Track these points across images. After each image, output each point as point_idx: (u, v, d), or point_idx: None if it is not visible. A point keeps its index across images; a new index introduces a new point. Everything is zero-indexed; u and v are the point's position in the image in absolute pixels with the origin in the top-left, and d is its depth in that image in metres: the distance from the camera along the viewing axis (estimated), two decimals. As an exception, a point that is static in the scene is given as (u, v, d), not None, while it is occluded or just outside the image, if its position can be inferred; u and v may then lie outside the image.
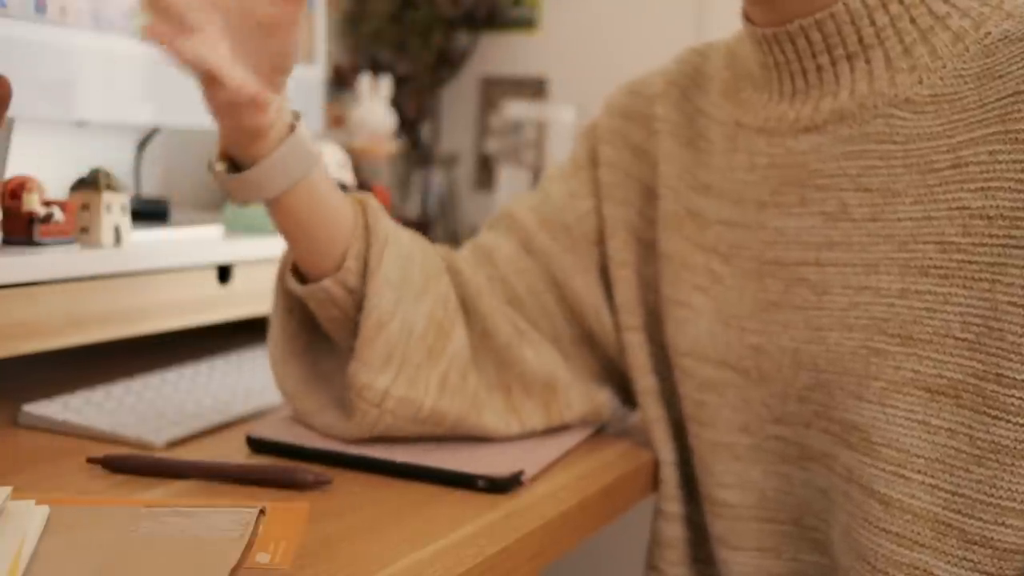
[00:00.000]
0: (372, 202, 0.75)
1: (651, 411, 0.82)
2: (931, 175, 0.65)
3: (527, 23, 1.58)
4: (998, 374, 0.61)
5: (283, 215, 0.71)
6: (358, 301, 0.73)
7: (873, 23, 0.67)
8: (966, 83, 0.64)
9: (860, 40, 0.68)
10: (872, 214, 0.68)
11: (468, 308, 0.79)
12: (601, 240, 0.84)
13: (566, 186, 0.86)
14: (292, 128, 0.69)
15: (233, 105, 0.65)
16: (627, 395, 0.86)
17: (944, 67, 0.65)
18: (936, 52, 0.66)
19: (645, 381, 0.82)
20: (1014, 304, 0.60)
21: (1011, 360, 0.60)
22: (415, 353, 0.73)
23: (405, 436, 0.75)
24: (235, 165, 0.70)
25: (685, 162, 0.81)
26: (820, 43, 0.69)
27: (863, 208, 0.68)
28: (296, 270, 0.76)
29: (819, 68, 0.70)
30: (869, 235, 0.68)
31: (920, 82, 0.66)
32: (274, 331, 0.77)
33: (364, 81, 1.39)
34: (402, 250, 0.75)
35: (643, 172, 0.84)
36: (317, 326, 0.79)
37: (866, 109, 0.68)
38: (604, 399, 0.83)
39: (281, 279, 0.77)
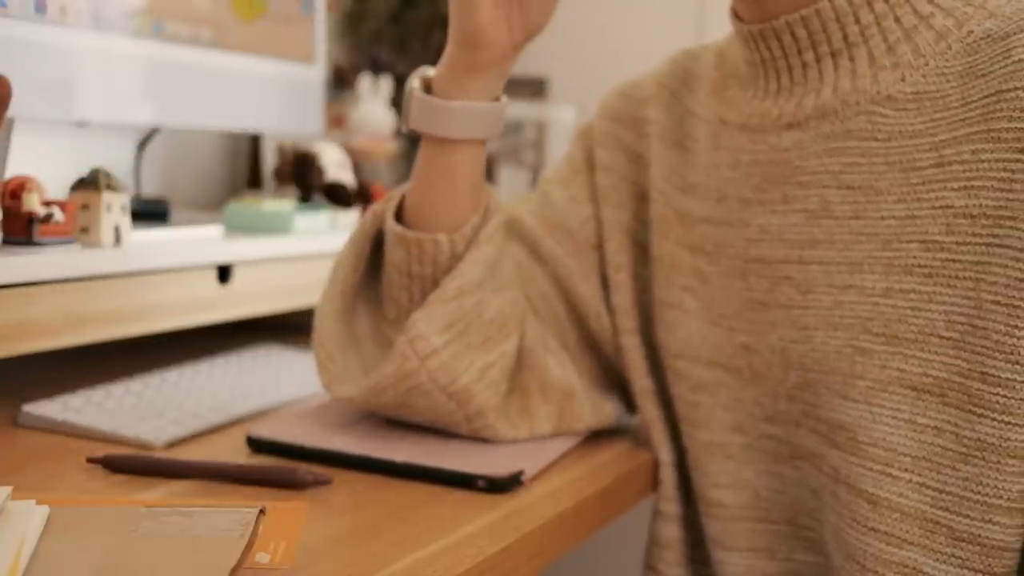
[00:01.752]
0: (496, 199, 0.79)
1: (649, 412, 0.82)
2: (914, 173, 0.65)
3: (527, 23, 1.58)
4: (983, 372, 0.61)
5: (448, 160, 0.75)
6: (452, 268, 0.75)
7: (858, 21, 0.68)
8: (948, 81, 0.64)
9: (845, 38, 0.68)
10: (854, 212, 0.68)
11: None
12: (601, 244, 0.84)
13: (566, 191, 0.86)
14: (499, 99, 0.76)
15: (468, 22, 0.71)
16: (629, 398, 0.86)
17: (927, 65, 0.66)
18: (919, 50, 0.66)
19: (642, 383, 0.82)
20: (998, 303, 0.60)
21: (995, 358, 0.60)
22: (474, 334, 0.74)
23: (419, 412, 0.75)
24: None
25: (673, 163, 0.81)
26: (805, 40, 0.69)
27: (845, 206, 0.68)
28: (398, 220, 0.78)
29: (804, 65, 0.70)
30: (852, 233, 0.68)
31: (903, 80, 0.66)
32: (334, 286, 0.78)
33: (364, 81, 1.39)
34: (502, 247, 0.78)
35: (636, 175, 0.84)
36: (368, 288, 0.79)
37: (848, 106, 0.68)
38: (611, 409, 0.83)
39: (375, 220, 0.78)
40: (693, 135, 0.80)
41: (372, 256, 0.79)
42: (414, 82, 0.75)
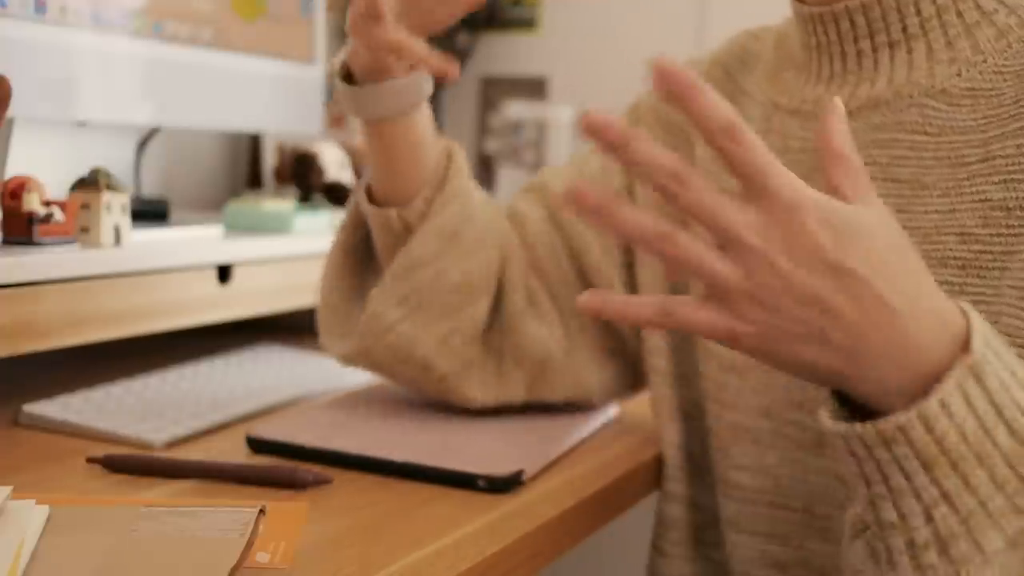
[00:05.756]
0: (459, 158, 0.80)
1: (660, 391, 0.82)
2: (961, 169, 0.65)
3: (527, 23, 1.58)
4: None
5: (381, 139, 0.77)
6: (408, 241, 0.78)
7: (919, 13, 0.68)
8: (1005, 80, 0.64)
9: (904, 29, 0.68)
10: (899, 206, 0.67)
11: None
12: None
13: (601, 161, 0.86)
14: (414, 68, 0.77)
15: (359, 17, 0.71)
16: (636, 374, 0.86)
17: (984, 62, 0.65)
18: (979, 47, 0.66)
19: (658, 361, 0.82)
20: (1013, 287, 0.60)
21: (1012, 346, 0.60)
22: (434, 304, 0.77)
23: (392, 378, 0.79)
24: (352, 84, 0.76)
25: None
26: (864, 27, 0.69)
27: (891, 199, 0.68)
28: (369, 192, 0.81)
29: (859, 53, 0.70)
30: None
31: (959, 75, 0.66)
32: (335, 246, 0.82)
33: (364, 81, 1.38)
34: (466, 209, 0.79)
35: (679, 152, 0.84)
36: (372, 248, 0.83)
37: (901, 97, 0.68)
38: (592, 384, 0.84)
39: (356, 194, 0.82)
40: (744, 115, 0.80)
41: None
42: (337, 79, 0.77)
